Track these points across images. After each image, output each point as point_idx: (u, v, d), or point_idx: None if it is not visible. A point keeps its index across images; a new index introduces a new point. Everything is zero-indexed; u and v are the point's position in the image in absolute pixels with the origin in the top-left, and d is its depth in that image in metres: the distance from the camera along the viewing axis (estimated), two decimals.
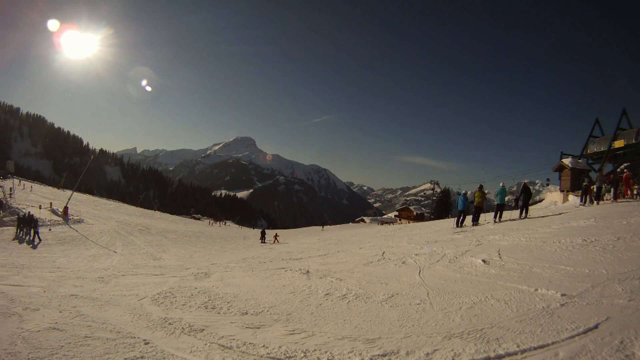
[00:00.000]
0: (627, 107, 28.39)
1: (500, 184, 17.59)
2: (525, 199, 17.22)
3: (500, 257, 8.64)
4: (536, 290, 5.97)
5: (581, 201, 19.89)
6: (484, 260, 8.52)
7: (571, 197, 27.32)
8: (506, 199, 17.47)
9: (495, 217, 17.47)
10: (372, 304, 6.66)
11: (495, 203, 17.74)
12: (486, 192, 18.61)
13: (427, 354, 4.27)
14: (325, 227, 69.98)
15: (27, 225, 20.29)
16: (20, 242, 18.95)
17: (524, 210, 17.08)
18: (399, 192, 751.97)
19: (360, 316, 6.08)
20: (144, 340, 5.48)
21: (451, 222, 23.68)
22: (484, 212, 18.77)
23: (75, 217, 30.46)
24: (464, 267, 8.36)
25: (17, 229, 20.75)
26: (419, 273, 8.50)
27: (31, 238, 19.64)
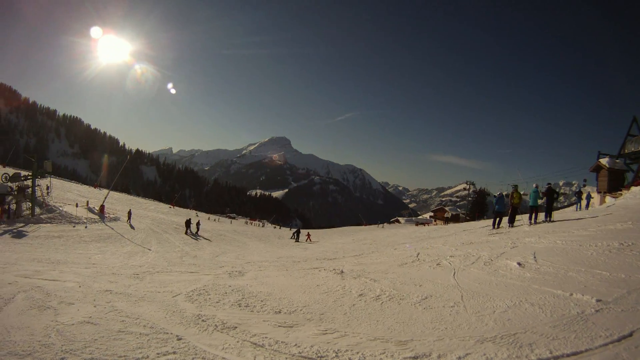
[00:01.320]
0: None
1: (534, 185, 17.20)
2: (548, 202, 16.90)
3: (535, 260, 8.50)
4: (571, 295, 5.86)
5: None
6: (519, 263, 8.40)
7: (608, 198, 26.28)
8: (540, 201, 17.04)
9: (530, 218, 17.20)
10: (406, 306, 6.63)
11: (529, 205, 17.41)
12: (522, 193, 18.19)
13: (459, 357, 4.25)
14: (361, 227, 69.95)
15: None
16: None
17: (548, 215, 16.74)
18: (435, 192, 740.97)
19: (393, 317, 6.07)
20: (177, 336, 5.58)
21: (486, 223, 23.77)
22: (518, 214, 18.33)
23: (112, 215, 31.46)
24: (499, 270, 8.25)
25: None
26: (454, 275, 8.44)
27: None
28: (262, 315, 6.73)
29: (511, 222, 17.77)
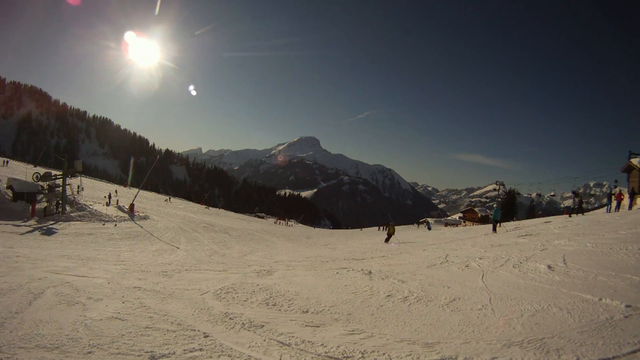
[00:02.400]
0: None
1: (494, 206, 19.09)
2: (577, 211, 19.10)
3: (565, 264, 8.56)
4: (600, 299, 5.86)
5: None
6: (548, 266, 8.44)
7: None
8: (568, 202, 17.66)
9: (493, 229, 22.21)
10: (433, 308, 6.67)
11: (493, 219, 23.43)
12: (551, 194, 20.23)
13: None
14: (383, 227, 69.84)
15: None
16: None
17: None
18: (464, 193, 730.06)
19: (421, 319, 6.12)
20: (204, 333, 5.66)
21: (515, 224, 25.86)
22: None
23: (141, 214, 32.12)
24: (528, 273, 8.30)
25: None
26: (482, 277, 8.51)
27: None
28: (289, 315, 6.78)
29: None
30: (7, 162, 59.56)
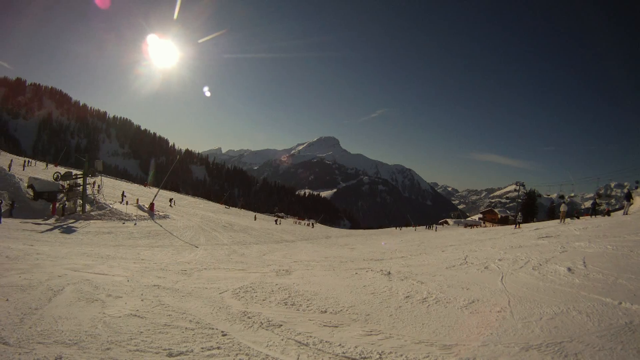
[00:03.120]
0: None
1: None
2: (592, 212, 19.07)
3: (585, 266, 8.57)
4: (620, 303, 5.88)
5: None
6: (568, 269, 8.46)
7: None
8: (588, 203, 17.82)
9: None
10: (452, 309, 6.70)
11: None
12: (571, 194, 20.34)
13: None
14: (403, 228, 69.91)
15: None
16: None
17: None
18: (484, 193, 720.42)
19: (439, 321, 6.14)
20: (222, 331, 5.70)
21: (536, 225, 25.69)
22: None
23: (161, 213, 32.50)
24: (548, 275, 8.32)
25: None
26: (502, 279, 8.52)
27: None
28: (307, 315, 6.82)
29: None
30: (29, 162, 60.86)
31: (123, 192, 38.57)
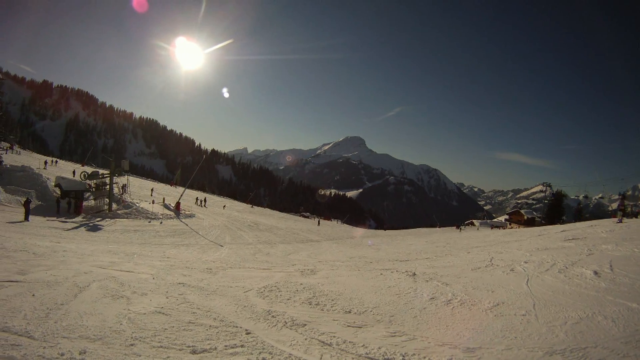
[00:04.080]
0: None
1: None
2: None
3: (611, 270, 8.48)
4: None
5: None
6: (594, 272, 8.37)
7: None
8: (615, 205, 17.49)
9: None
10: (477, 312, 6.66)
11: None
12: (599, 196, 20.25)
13: None
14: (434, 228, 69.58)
15: None
16: None
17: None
18: (510, 194, 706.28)
19: (463, 323, 6.12)
20: (246, 330, 5.75)
21: (562, 227, 24.96)
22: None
23: (187, 212, 32.95)
24: (573, 279, 8.25)
25: None
26: (527, 282, 8.46)
27: None
28: (331, 314, 6.84)
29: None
30: (56, 161, 62.47)
31: (152, 189, 39.18)
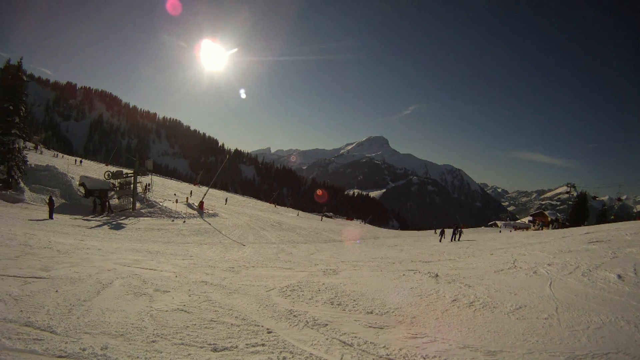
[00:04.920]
0: None
1: None
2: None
3: (635, 273, 8.33)
4: None
5: None
6: (618, 276, 8.23)
7: None
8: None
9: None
10: (499, 315, 6.61)
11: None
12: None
13: None
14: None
15: None
16: None
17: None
18: (534, 195, 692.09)
19: (485, 326, 6.08)
20: (267, 329, 5.78)
21: (586, 229, 23.80)
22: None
23: (210, 211, 33.27)
24: (597, 282, 8.11)
25: None
26: (550, 285, 8.35)
27: None
28: (353, 315, 6.84)
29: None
30: (81, 161, 63.90)
31: (188, 192, 39.59)
